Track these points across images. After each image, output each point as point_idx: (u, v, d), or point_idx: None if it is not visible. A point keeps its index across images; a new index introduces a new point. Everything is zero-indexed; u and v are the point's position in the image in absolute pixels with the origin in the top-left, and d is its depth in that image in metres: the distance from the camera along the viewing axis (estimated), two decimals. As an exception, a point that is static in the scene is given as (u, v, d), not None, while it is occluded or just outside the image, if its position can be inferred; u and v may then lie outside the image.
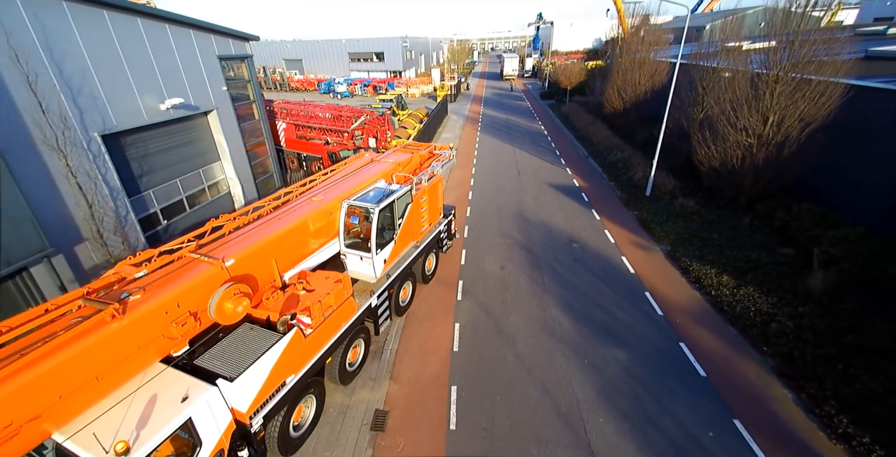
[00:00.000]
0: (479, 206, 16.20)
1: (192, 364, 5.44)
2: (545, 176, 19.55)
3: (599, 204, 16.18)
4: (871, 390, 6.90)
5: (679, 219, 13.74)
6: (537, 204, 16.23)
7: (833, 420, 6.67)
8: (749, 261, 10.89)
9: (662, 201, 15.20)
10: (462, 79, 52.78)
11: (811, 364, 7.66)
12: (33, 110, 7.74)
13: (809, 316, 8.69)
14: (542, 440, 6.63)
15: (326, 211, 7.83)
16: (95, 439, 4.11)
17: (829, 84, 11.35)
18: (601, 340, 8.81)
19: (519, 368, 8.13)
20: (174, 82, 11.41)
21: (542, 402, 7.33)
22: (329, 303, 6.62)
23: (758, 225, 12.61)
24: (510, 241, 13.29)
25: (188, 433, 4.69)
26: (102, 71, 9.32)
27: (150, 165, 11.13)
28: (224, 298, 5.38)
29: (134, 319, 4.66)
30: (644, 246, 12.87)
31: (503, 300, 10.26)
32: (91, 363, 4.32)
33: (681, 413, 7.03)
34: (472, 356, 8.48)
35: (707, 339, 8.79)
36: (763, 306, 9.23)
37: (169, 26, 11.19)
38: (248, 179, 15.13)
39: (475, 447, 6.55)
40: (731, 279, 10.33)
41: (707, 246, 11.94)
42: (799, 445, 6.45)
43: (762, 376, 7.76)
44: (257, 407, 5.52)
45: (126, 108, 9.97)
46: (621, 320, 9.41)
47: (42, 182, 8.02)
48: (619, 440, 6.59)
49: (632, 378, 7.78)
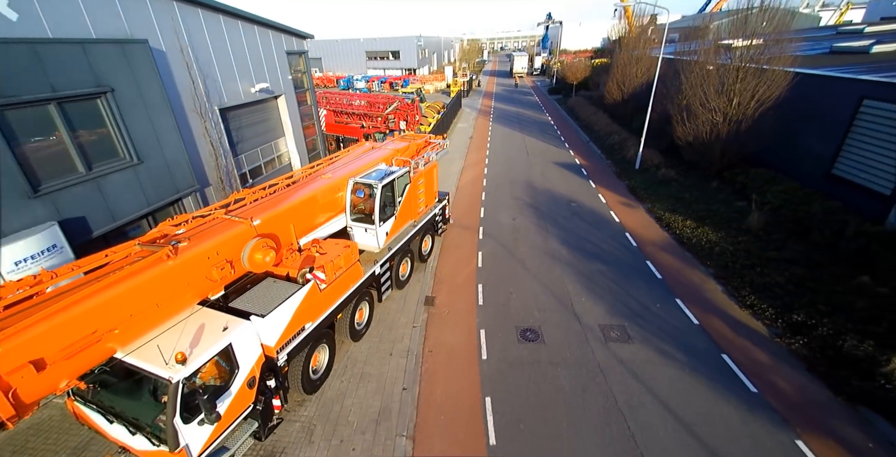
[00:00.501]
0: (494, 178, 19.47)
1: (227, 306, 6.34)
2: (551, 156, 22.78)
3: (596, 176, 19.38)
4: (775, 281, 10.03)
5: (661, 185, 16.89)
6: (543, 177, 19.47)
7: (745, 298, 9.82)
8: (709, 211, 14.01)
9: (649, 173, 18.35)
10: (473, 76, 56.21)
11: (739, 270, 10.80)
12: (188, 87, 11.24)
13: (745, 243, 11.82)
14: (542, 309, 9.87)
15: (334, 187, 8.74)
16: (158, 350, 4.92)
17: (779, 72, 14.45)
18: (588, 259, 12.03)
19: (526, 275, 11.38)
20: (259, 71, 14.91)
21: (542, 292, 10.57)
22: (339, 264, 7.53)
23: (722, 187, 15.72)
24: (520, 202, 16.54)
25: (227, 360, 5.51)
26: (219, 61, 12.81)
27: (242, 135, 14.61)
28: (255, 250, 6.25)
29: (184, 260, 5.45)
30: (629, 205, 16.05)
31: (515, 238, 13.52)
32: (153, 291, 5.14)
33: (638, 296, 10.22)
34: (493, 269, 11.75)
35: (667, 259, 11.96)
36: (713, 238, 12.37)
37: (257, 27, 14.69)
38: (304, 154, 18.59)
39: (497, 312, 9.81)
40: (693, 223, 13.46)
41: (679, 203, 15.07)
42: (719, 311, 9.61)
43: (702, 278, 10.92)
44: (282, 344, 6.38)
45: (232, 90, 13.47)
46: (604, 249, 12.61)
47: (190, 139, 11.48)
48: (593, 308, 9.81)
49: (608, 279, 10.99)
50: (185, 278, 5.47)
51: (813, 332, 8.39)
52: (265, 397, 6.09)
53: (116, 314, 4.76)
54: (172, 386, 4.76)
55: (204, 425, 5.13)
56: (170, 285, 5.30)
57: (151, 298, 5.10)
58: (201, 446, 5.22)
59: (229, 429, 5.64)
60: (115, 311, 4.73)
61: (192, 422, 4.99)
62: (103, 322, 4.61)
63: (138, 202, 9.52)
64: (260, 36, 14.89)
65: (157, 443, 4.96)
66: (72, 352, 4.36)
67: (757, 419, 6.89)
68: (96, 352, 4.68)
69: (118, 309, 4.77)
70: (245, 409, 5.83)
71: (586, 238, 13.33)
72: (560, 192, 17.54)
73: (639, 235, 13.51)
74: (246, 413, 5.85)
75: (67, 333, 4.34)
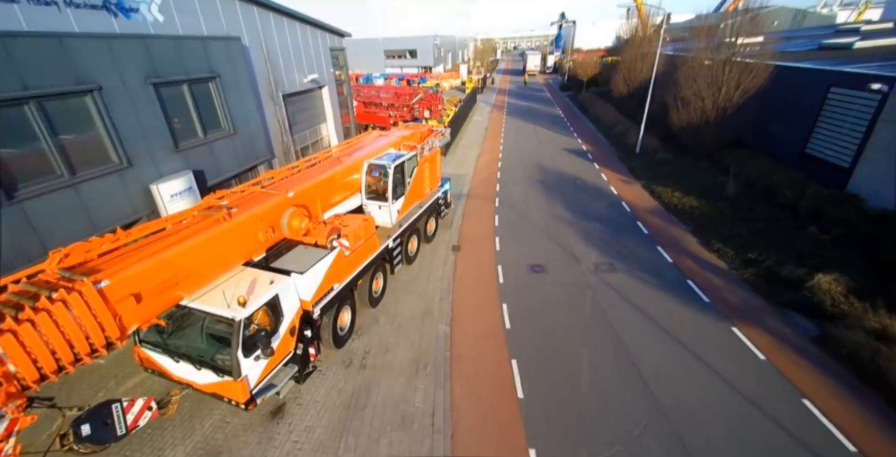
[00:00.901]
0: (508, 161, 22.09)
1: (269, 266, 7.34)
2: (560, 144, 25.31)
3: (600, 159, 21.86)
4: (739, 232, 12.46)
5: (657, 166, 19.31)
6: (553, 160, 22.01)
7: (712, 244, 12.28)
8: (696, 185, 16.40)
9: (648, 156, 20.76)
10: (487, 74, 58.84)
11: (711, 226, 13.22)
12: (264, 75, 14.17)
13: (721, 207, 14.22)
14: (548, 253, 12.46)
15: (350, 169, 9.77)
16: (223, 295, 5.93)
17: (760, 65, 16.78)
18: (587, 220, 14.57)
19: (535, 230, 13.97)
20: (310, 64, 17.83)
21: (548, 242, 13.14)
22: (360, 234, 8.52)
23: (711, 167, 18.08)
24: (531, 179, 19.13)
25: (273, 309, 6.48)
26: (283, 54, 15.72)
27: (296, 119, 17.52)
28: (292, 217, 7.34)
29: (236, 223, 6.44)
30: (628, 181, 18.52)
31: (526, 206, 16.11)
32: (214, 247, 6.10)
33: (626, 244, 12.73)
34: (508, 227, 14.36)
35: (654, 220, 14.43)
36: (695, 205, 14.79)
37: (309, 27, 17.61)
38: (341, 138, 21.49)
39: (511, 255, 12.41)
40: (680, 194, 15.87)
41: (671, 179, 17.46)
42: (690, 254, 12.07)
43: (681, 233, 13.39)
44: (317, 299, 7.48)
45: (291, 79, 16.38)
46: (602, 213, 15.13)
47: (264, 118, 14.38)
48: (589, 252, 12.36)
49: (603, 234, 13.52)
50: (236, 238, 6.46)
51: (761, 264, 10.81)
52: (303, 345, 7.19)
53: (189, 263, 5.74)
54: (236, 323, 5.71)
55: (259, 361, 6.17)
56: (226, 243, 6.26)
57: (213, 252, 6.07)
58: (257, 378, 6.29)
59: (276, 368, 6.76)
60: (188, 260, 5.73)
61: (250, 357, 5.97)
62: (180, 268, 5.60)
63: (233, 163, 12.41)
64: (311, 34, 17.83)
65: (222, 374, 5.95)
66: (159, 290, 5.36)
67: (705, 317, 9.38)
68: (172, 295, 5.69)
69: (190, 259, 5.76)
70: (288, 353, 6.95)
71: (587, 206, 15.86)
72: (567, 171, 20.06)
73: (633, 203, 15.98)
74: (288, 359, 7.00)
75: (156, 274, 5.32)
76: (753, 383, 7.56)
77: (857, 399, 7.13)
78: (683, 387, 7.53)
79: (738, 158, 17.18)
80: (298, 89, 17.12)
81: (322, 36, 18.90)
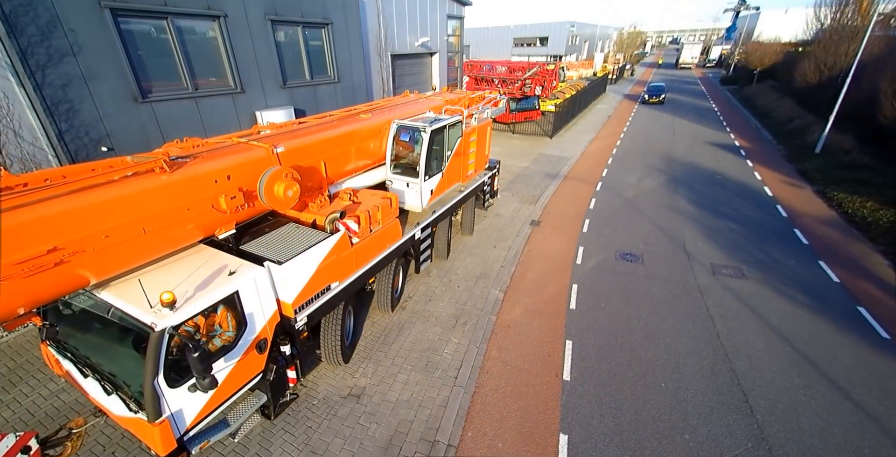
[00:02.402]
0: (626, 148, 19.78)
1: (237, 249, 5.41)
2: (702, 136, 21.70)
3: (756, 157, 18.00)
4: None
5: (844, 169, 15.00)
6: (687, 152, 18.95)
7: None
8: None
9: (833, 157, 16.32)
10: (628, 65, 54.25)
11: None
12: (375, 31, 15.27)
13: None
14: (649, 244, 10.59)
15: (375, 129, 7.68)
16: (141, 287, 4.00)
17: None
18: (718, 217, 12.01)
19: (641, 218, 12.04)
20: (423, 28, 18.64)
21: (654, 232, 11.18)
22: (376, 217, 6.58)
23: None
24: (651, 168, 16.73)
25: (232, 312, 4.63)
26: (396, 15, 16.73)
27: (401, 82, 18.50)
28: (274, 178, 5.32)
29: (183, 177, 4.59)
30: (793, 184, 14.79)
31: (635, 194, 14.08)
32: (139, 210, 4.25)
33: (770, 252, 10.04)
34: (604, 211, 12.72)
35: (823, 230, 11.16)
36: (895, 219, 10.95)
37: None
38: (443, 109, 22.07)
39: (600, 239, 10.91)
40: (874, 204, 11.97)
41: (864, 186, 13.32)
42: (871, 276, 8.92)
43: (864, 251, 10.06)
44: (302, 303, 5.48)
45: (402, 40, 17.35)
46: (743, 214, 12.32)
47: (369, 72, 15.51)
48: (710, 251, 10.09)
49: (737, 235, 10.94)
50: (183, 202, 4.61)
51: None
52: (278, 366, 5.36)
53: (87, 229, 3.89)
54: (155, 335, 3.89)
55: (196, 393, 4.29)
56: (162, 207, 4.43)
57: (136, 218, 4.23)
58: (193, 417, 4.45)
59: (230, 400, 4.85)
60: (84, 224, 3.88)
61: (180, 386, 4.17)
62: (68, 236, 3.78)
63: (332, 110, 13.62)
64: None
65: (136, 409, 4.15)
66: (30, 270, 3.58)
67: (876, 354, 6.72)
68: (62, 277, 3.85)
69: (90, 223, 3.91)
70: (252, 378, 5.06)
71: (723, 203, 13.11)
72: (704, 165, 17.00)
73: (793, 208, 12.64)
74: (253, 383, 5.10)
75: (20, 242, 3.53)
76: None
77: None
78: (812, 433, 5.48)
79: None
80: (408, 51, 18.01)
81: (442, 2, 19.59)
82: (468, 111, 9.44)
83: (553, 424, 5.67)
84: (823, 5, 25.93)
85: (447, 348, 7.08)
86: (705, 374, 6.47)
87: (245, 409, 5.27)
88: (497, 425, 5.72)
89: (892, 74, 16.46)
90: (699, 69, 60.08)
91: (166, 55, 8.89)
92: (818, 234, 10.95)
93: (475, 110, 9.88)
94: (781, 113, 24.02)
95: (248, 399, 5.37)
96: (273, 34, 11.00)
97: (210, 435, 4.76)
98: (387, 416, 5.80)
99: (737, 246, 10.34)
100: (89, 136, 7.77)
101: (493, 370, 6.66)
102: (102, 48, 7.66)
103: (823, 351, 6.89)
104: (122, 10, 7.85)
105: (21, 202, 3.63)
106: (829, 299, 8.24)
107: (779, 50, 36.24)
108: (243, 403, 5.31)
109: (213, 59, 9.85)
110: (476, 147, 9.92)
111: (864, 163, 15.05)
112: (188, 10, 8.88)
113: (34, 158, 7.30)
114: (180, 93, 9.20)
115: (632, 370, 6.56)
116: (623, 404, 5.96)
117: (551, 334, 7.41)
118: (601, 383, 6.34)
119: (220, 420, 4.98)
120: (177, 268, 4.77)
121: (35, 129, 7.23)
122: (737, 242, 10.57)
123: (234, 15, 9.84)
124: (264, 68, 10.92)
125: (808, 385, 6.23)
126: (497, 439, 5.52)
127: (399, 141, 8.07)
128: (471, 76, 26.27)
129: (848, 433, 5.47)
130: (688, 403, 5.97)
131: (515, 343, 7.24)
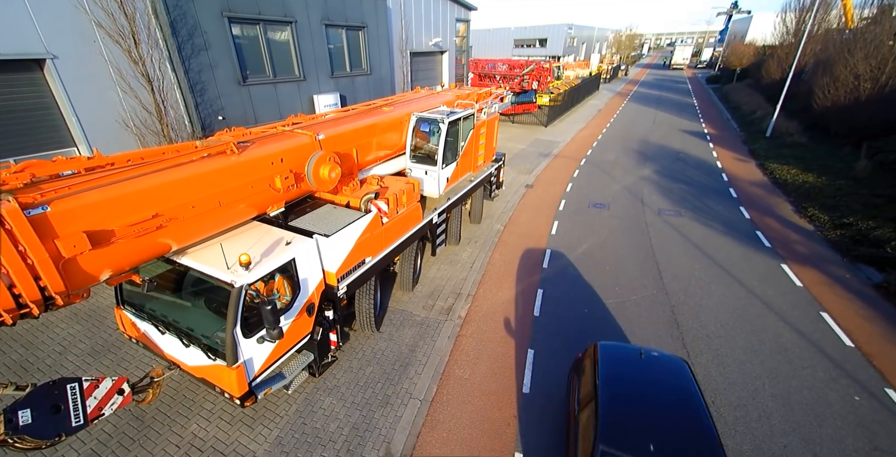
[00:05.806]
0: (610, 134, 23.14)
1: (287, 225, 6.21)
2: (677, 125, 25.09)
3: (718, 140, 21.41)
4: (847, 204, 12.10)
5: (785, 148, 18.42)
6: (661, 137, 22.33)
7: (807, 210, 12.25)
8: (822, 166, 15.55)
9: (778, 139, 19.75)
10: (623, 66, 57.66)
11: (817, 198, 12.92)
12: (398, 32, 18.60)
13: (842, 185, 13.60)
14: (616, 197, 13.92)
15: (396, 121, 8.46)
16: (221, 251, 4.73)
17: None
18: (673, 181, 15.39)
19: (612, 182, 15.40)
20: (436, 29, 21.96)
21: (621, 190, 14.51)
22: (402, 200, 7.44)
23: (853, 153, 16.57)
24: (628, 149, 20.10)
25: (288, 277, 5.43)
26: (415, 18, 20.04)
27: (416, 76, 21.83)
28: (320, 162, 6.13)
29: (248, 159, 5.30)
30: (741, 159, 18.19)
31: (612, 166, 17.44)
32: (216, 185, 4.94)
33: (706, 202, 13.38)
34: (584, 177, 16.07)
35: (752, 189, 14.54)
36: (810, 180, 14.30)
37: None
38: (451, 101, 25.39)
39: (579, 195, 14.21)
40: (797, 171, 15.35)
41: (795, 160, 16.72)
42: (775, 215, 12.26)
43: (778, 201, 13.42)
44: (343, 273, 6.28)
45: (418, 40, 20.67)
46: (693, 179, 15.68)
47: (393, 68, 18.80)
48: (660, 200, 13.45)
49: (685, 192, 14.28)
50: (248, 180, 5.33)
51: (853, 228, 10.67)
52: (323, 329, 6.22)
53: (180, 199, 4.58)
54: (235, 291, 4.59)
55: (264, 344, 5.05)
56: (233, 183, 5.13)
57: (214, 192, 4.93)
58: (259, 365, 5.13)
59: (286, 355, 5.66)
60: (178, 195, 4.57)
61: (251, 337, 4.90)
62: (166, 204, 4.45)
63: (365, 98, 16.87)
64: (442, 4, 21.95)
65: (213, 357, 4.87)
66: (139, 231, 4.20)
67: (757, 255, 10.08)
68: (158, 240, 4.48)
69: (181, 194, 4.60)
70: (303, 337, 5.88)
71: (680, 173, 16.46)
72: (672, 146, 20.37)
73: (735, 175, 16.00)
74: (303, 343, 5.96)
75: (129, 208, 4.16)
76: (776, 295, 8.39)
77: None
78: (696, 287, 8.77)
79: (890, 143, 15.52)
80: (423, 50, 21.34)
81: (452, 7, 22.93)
82: (479, 105, 10.30)
83: (536, 283, 9.00)
84: (789, 11, 29.42)
85: (464, 253, 10.40)
86: (637, 263, 9.81)
87: (296, 365, 6.11)
88: (497, 286, 9.01)
89: (823, 72, 19.85)
90: (690, 70, 63.59)
91: (257, 51, 12.18)
92: (747, 191, 14.29)
93: (485, 104, 10.73)
94: (750, 106, 27.42)
95: (299, 358, 6.22)
96: (326, 35, 14.29)
97: (271, 383, 5.58)
98: (430, 280, 9.17)
99: (681, 199, 13.67)
100: (212, 108, 11.06)
101: (496, 262, 10.04)
102: (222, 45, 10.96)
103: (721, 253, 10.22)
104: (234, 17, 11.17)
105: (126, 176, 4.25)
106: (738, 228, 11.58)
107: (754, 51, 39.64)
108: (295, 360, 6.15)
109: (286, 55, 13.13)
110: (485, 139, 10.97)
111: (801, 143, 18.43)
112: (272, 17, 12.19)
113: (177, 123, 10.56)
114: (265, 79, 12.49)
115: (589, 263, 9.86)
116: (581, 271, 9.26)
117: (536, 246, 10.75)
118: (565, 269, 9.64)
119: (276, 373, 5.79)
120: (240, 240, 5.51)
121: (179, 102, 10.50)
122: (682, 196, 13.90)
123: (301, 20, 13.14)
124: (319, 62, 14.22)
125: (703, 267, 9.57)
126: (499, 291, 8.81)
127: (418, 132, 8.83)
128: (475, 73, 29.60)
129: (725, 290, 8.79)
130: (622, 275, 9.28)
131: (511, 250, 10.58)
